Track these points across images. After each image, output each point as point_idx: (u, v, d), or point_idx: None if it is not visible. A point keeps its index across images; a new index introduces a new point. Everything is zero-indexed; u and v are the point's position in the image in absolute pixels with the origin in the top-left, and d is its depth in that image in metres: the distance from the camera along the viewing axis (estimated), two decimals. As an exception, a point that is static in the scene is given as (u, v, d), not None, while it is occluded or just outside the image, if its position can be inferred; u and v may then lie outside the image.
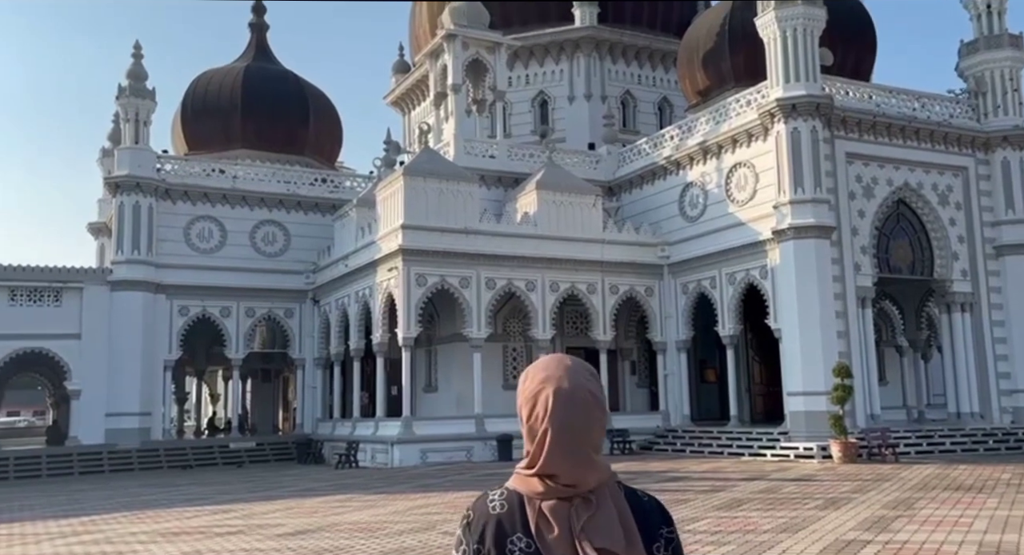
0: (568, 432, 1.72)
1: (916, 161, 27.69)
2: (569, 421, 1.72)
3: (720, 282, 27.90)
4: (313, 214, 33.61)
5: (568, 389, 1.74)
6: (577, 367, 1.82)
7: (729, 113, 28.11)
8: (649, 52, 39.04)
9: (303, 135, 36.52)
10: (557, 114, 37.68)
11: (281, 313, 33.04)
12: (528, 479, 1.76)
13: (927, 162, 27.87)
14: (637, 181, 31.84)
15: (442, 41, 31.14)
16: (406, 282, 25.28)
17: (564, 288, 27.87)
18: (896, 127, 27.23)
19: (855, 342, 25.49)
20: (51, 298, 30.24)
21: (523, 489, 1.77)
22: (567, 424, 1.72)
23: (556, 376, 1.77)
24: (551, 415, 1.73)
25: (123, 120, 31.67)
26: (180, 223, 32.05)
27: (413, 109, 43.16)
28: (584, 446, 1.74)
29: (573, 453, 1.72)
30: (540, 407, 1.74)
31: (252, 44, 38.53)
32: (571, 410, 1.73)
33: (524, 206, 28.35)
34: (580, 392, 1.75)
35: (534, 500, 1.74)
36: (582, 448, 1.73)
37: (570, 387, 1.75)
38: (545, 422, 1.73)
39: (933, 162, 27.96)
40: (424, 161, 26.43)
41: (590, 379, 1.80)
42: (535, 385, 1.78)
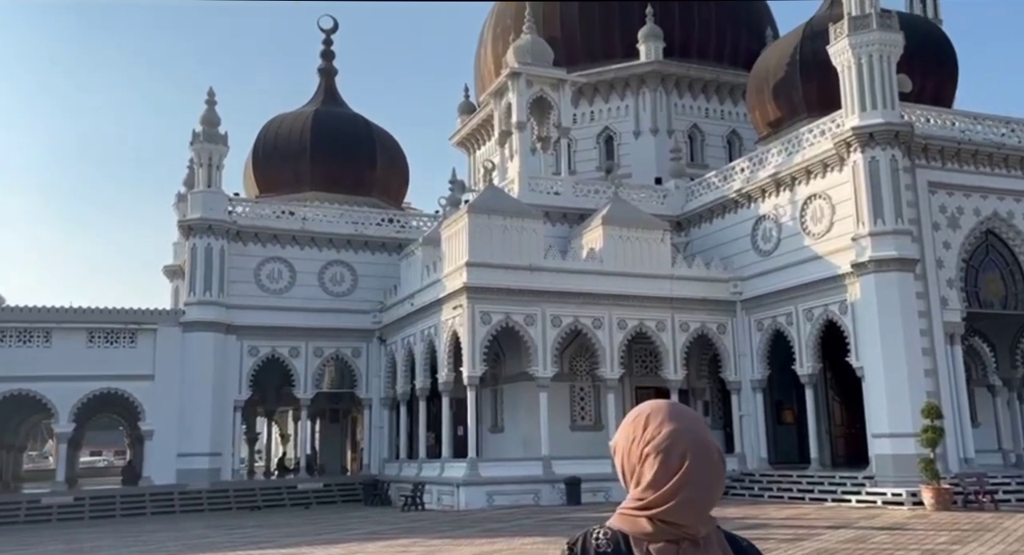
0: (704, 488, 1.74)
1: (1005, 189, 26.26)
2: (706, 478, 1.73)
3: (797, 318, 26.76)
4: (380, 254, 33.76)
5: (703, 445, 1.75)
6: (703, 420, 1.85)
7: (802, 143, 27.23)
8: (716, 85, 38.44)
9: (371, 176, 36.92)
10: (623, 149, 37.26)
11: (349, 353, 33.09)
12: (636, 520, 1.76)
13: (1018, 190, 26.41)
14: (707, 215, 31.05)
15: (506, 79, 31.18)
16: (471, 320, 24.94)
17: (632, 325, 27.13)
18: (983, 154, 25.93)
19: (944, 381, 24.04)
20: (127, 339, 30.90)
21: (628, 529, 1.77)
22: (705, 481, 1.73)
23: (690, 431, 1.76)
24: (689, 471, 1.72)
25: (197, 165, 32.52)
26: (251, 264, 32.53)
27: (478, 149, 43.35)
28: (714, 501, 1.77)
29: (703, 507, 1.75)
30: (675, 460, 1.72)
31: (321, 88, 39.36)
32: (707, 467, 1.74)
33: (590, 242, 27.85)
34: (715, 451, 1.77)
35: (641, 541, 1.75)
36: (712, 503, 1.76)
37: (707, 445, 1.76)
38: (680, 476, 1.72)
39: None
40: (488, 198, 26.25)
41: (714, 439, 1.80)
42: (664, 437, 1.75)
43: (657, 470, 1.73)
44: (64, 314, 30.10)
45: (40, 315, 29.83)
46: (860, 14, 25.05)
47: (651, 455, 1.74)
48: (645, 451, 1.75)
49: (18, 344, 29.63)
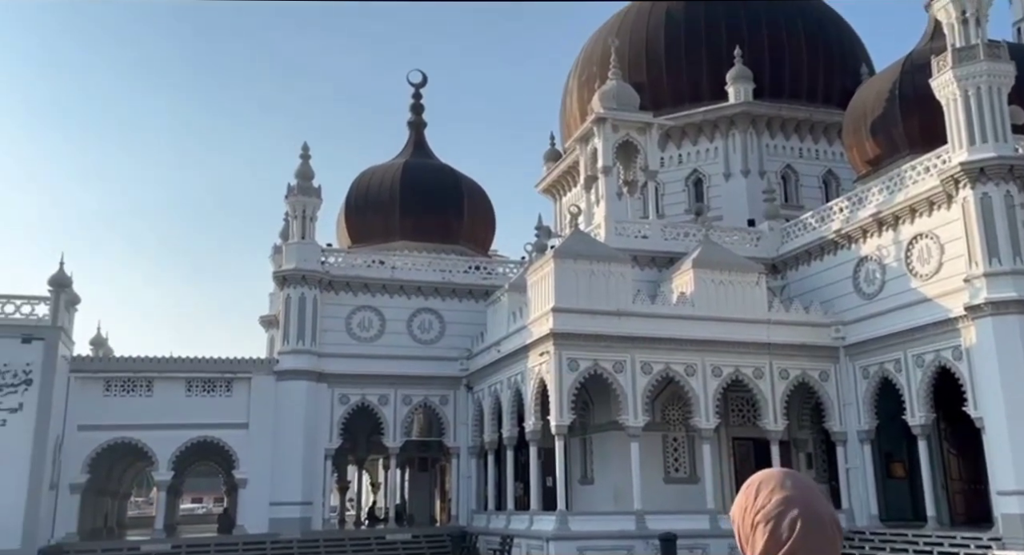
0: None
1: None
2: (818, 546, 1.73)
3: (906, 365, 25.13)
4: (467, 301, 33.76)
5: (815, 513, 1.75)
6: (816, 488, 1.85)
7: (905, 181, 25.93)
8: (810, 125, 37.34)
9: (458, 225, 37.20)
10: (712, 192, 36.43)
11: (436, 400, 32.96)
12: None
13: None
14: (804, 257, 29.81)
15: (592, 125, 31.03)
16: (557, 367, 24.39)
17: (727, 373, 26.02)
18: (1107, 188, 24.01)
19: (1077, 434, 21.98)
20: (223, 388, 31.59)
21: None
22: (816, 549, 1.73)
23: (802, 498, 1.76)
24: (799, 539, 1.72)
25: (291, 217, 33.42)
26: (342, 313, 32.99)
27: (564, 195, 43.23)
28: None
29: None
30: (785, 529, 1.73)
31: (411, 140, 40.16)
32: (819, 535, 1.74)
33: (680, 286, 27.05)
34: (828, 519, 1.77)
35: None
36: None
37: (819, 513, 1.76)
38: (791, 545, 1.72)
39: None
40: (574, 243, 25.88)
41: (829, 504, 1.79)
42: (774, 505, 1.75)
43: (768, 539, 1.75)
44: (165, 364, 31.06)
45: (143, 365, 30.86)
46: (965, 45, 23.87)
47: (761, 523, 1.76)
48: (756, 519, 1.78)
49: (122, 393, 30.66)
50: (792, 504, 1.74)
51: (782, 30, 38.13)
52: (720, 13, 38.44)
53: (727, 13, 38.44)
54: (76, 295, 30.86)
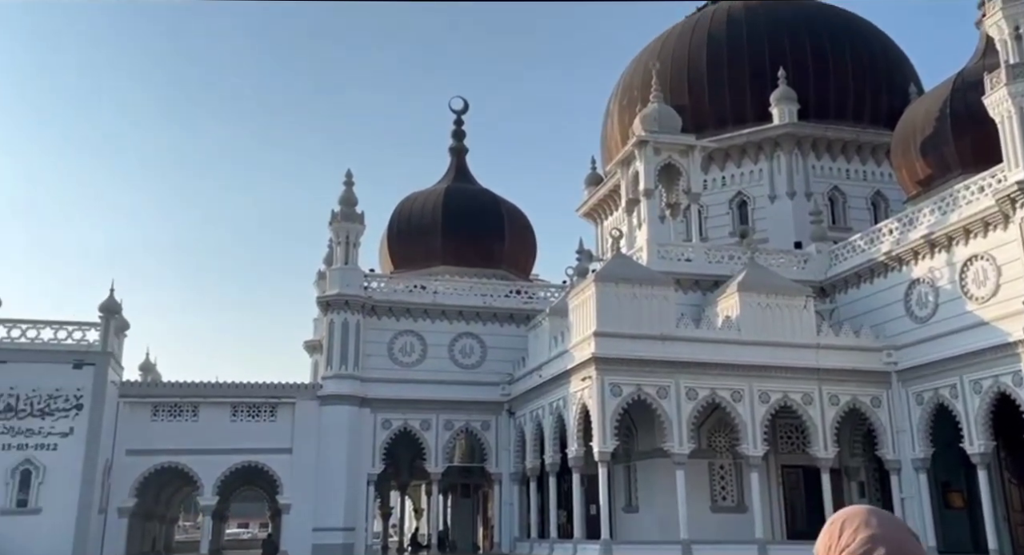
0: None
1: None
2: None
3: (963, 391, 24.25)
4: (508, 326, 33.63)
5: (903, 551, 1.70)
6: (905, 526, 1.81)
7: (958, 201, 25.21)
8: (857, 145, 36.65)
9: (499, 250, 37.19)
10: (757, 214, 35.86)
11: (478, 426, 32.76)
12: None
13: None
14: (853, 280, 29.10)
15: (633, 148, 30.85)
16: (600, 392, 24.02)
17: (775, 398, 25.37)
18: None
19: None
20: (267, 413, 31.80)
21: None
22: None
23: (889, 537, 1.72)
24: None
25: (335, 243, 33.73)
26: (384, 338, 33.08)
27: (605, 219, 42.99)
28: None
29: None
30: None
31: (452, 166, 40.41)
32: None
33: (725, 309, 26.55)
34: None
35: None
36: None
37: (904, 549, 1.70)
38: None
39: None
40: (616, 266, 25.61)
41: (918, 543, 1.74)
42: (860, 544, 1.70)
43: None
44: (210, 389, 31.39)
45: (189, 390, 31.23)
46: (1020, 61, 23.24)
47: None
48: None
49: (169, 418, 31.05)
50: (879, 543, 1.68)
51: (827, 50, 37.64)
52: (763, 34, 38.12)
53: (770, 34, 38.10)
54: (125, 321, 31.45)
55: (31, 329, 29.04)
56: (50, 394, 28.24)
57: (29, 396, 28.12)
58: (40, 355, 28.56)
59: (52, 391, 28.27)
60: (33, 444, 27.87)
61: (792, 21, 38.71)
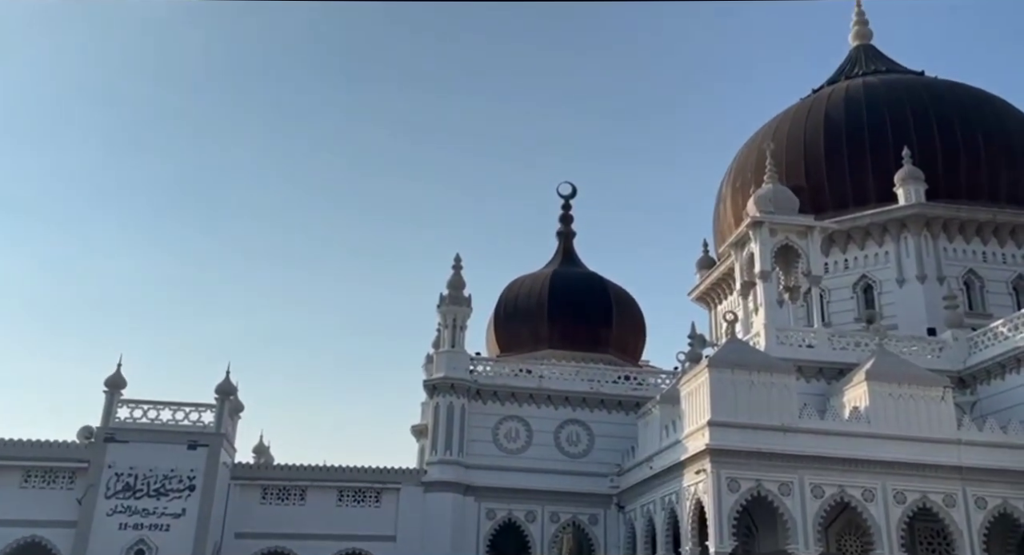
0: None
1: None
2: None
3: None
4: (616, 413, 32.45)
5: None
6: None
7: (1116, 283, 22.84)
8: (994, 227, 34.33)
9: (606, 334, 36.36)
10: (884, 299, 33.73)
11: (585, 519, 31.31)
12: None
13: None
14: (996, 370, 26.65)
15: (747, 229, 29.81)
16: (716, 487, 22.39)
17: (913, 499, 23.01)
18: None
19: None
20: (372, 499, 31.41)
21: None
22: None
23: None
24: None
25: (442, 326, 33.71)
26: (489, 423, 32.46)
27: (719, 303, 41.54)
28: None
29: None
30: None
31: (560, 250, 40.24)
32: None
33: (852, 400, 24.62)
34: None
35: None
36: None
37: None
38: None
39: None
40: (731, 351, 24.27)
41: None
42: None
43: None
44: (317, 472, 31.36)
45: (297, 473, 31.28)
46: None
47: None
48: None
49: (277, 501, 31.11)
50: None
51: (955, 127, 35.89)
52: (884, 112, 36.81)
53: (892, 112, 36.75)
54: (240, 403, 32.07)
55: (151, 409, 29.94)
56: (165, 474, 28.80)
57: (146, 476, 28.77)
58: (158, 435, 29.31)
59: (168, 471, 28.83)
60: (148, 524, 28.33)
61: (915, 98, 37.29)
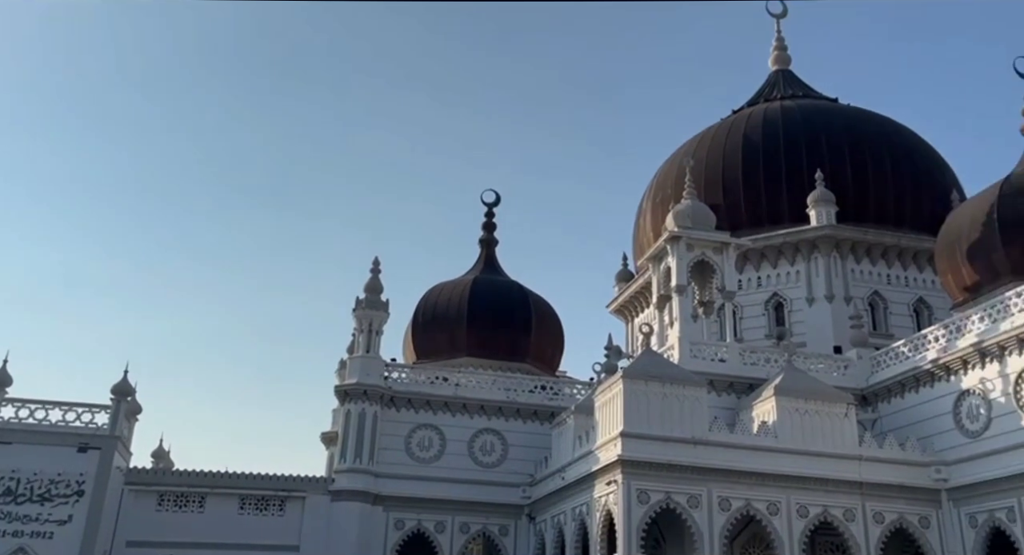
0: None
1: None
2: None
3: (1022, 514, 22.28)
4: (532, 423, 32.23)
5: None
6: None
7: (1010, 309, 23.96)
8: (898, 250, 35.68)
9: (525, 343, 36.16)
10: (794, 317, 34.65)
11: (496, 530, 30.93)
12: None
13: None
14: (897, 389, 27.54)
15: (665, 243, 30.15)
16: (626, 498, 22.38)
17: (815, 513, 23.52)
18: None
19: None
20: (276, 507, 30.35)
21: None
22: None
23: None
24: None
25: (357, 331, 32.91)
26: (402, 431, 31.79)
27: (636, 316, 41.98)
28: None
29: None
30: None
31: (482, 258, 39.91)
32: None
33: (761, 414, 25.06)
34: None
35: None
36: None
37: None
38: None
39: None
40: (645, 363, 24.40)
41: None
42: None
43: None
44: (218, 479, 30.08)
45: (196, 479, 29.93)
46: (1070, 163, 22.39)
47: None
48: None
49: (174, 509, 29.65)
50: None
51: (866, 154, 37.23)
52: (800, 136, 37.90)
53: (807, 137, 37.87)
54: (138, 404, 30.55)
55: (39, 409, 28.22)
56: (52, 479, 27.18)
57: (30, 480, 27.09)
58: (45, 437, 27.63)
59: (54, 475, 27.21)
60: (29, 531, 26.62)
61: (829, 124, 38.54)
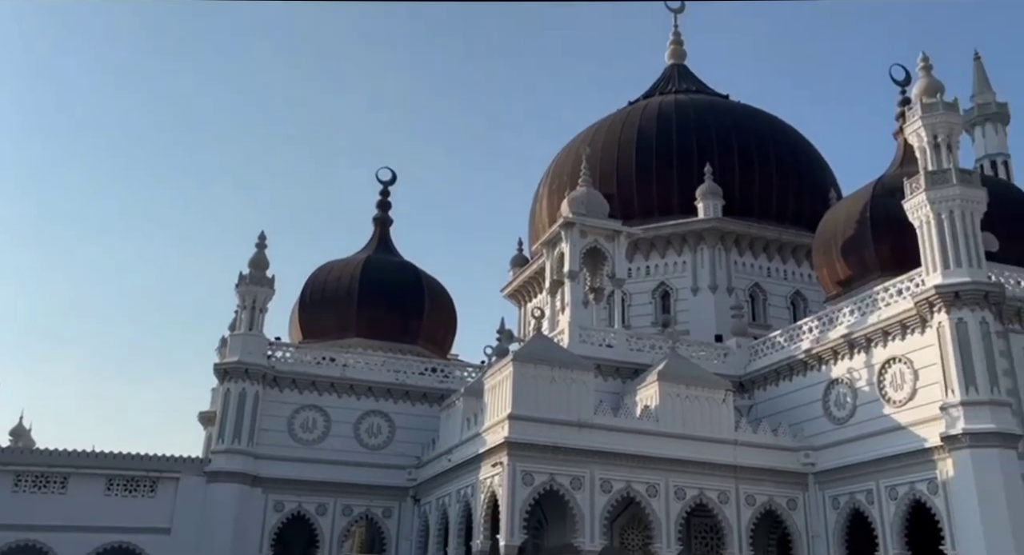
0: None
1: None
2: None
3: (879, 497, 23.71)
4: (421, 405, 31.96)
5: None
6: None
7: (877, 303, 25.31)
8: (779, 245, 37.20)
9: (416, 325, 35.79)
10: (680, 305, 35.69)
11: (379, 512, 30.61)
12: None
13: None
14: (772, 377, 28.74)
15: (560, 229, 30.37)
16: (511, 480, 22.49)
17: (691, 495, 24.30)
18: (1083, 321, 23.56)
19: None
20: (146, 489, 29.13)
21: None
22: None
23: None
24: None
25: (240, 307, 31.72)
26: (285, 412, 30.97)
27: (529, 301, 42.26)
28: None
29: None
30: None
31: (375, 237, 39.18)
32: None
33: (644, 399, 25.66)
34: None
35: None
36: None
37: None
38: None
39: None
40: (536, 347, 24.54)
41: None
42: None
43: None
44: (83, 459, 28.58)
45: (58, 459, 28.35)
46: (938, 169, 23.82)
47: None
48: None
49: (33, 490, 28.11)
50: None
51: (752, 152, 38.55)
52: (692, 131, 38.89)
53: (698, 132, 38.89)
54: (-7, 378, 28.58)
55: None
56: None
57: None
58: None
59: None
60: None
61: (720, 120, 39.69)
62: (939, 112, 24.38)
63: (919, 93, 25.38)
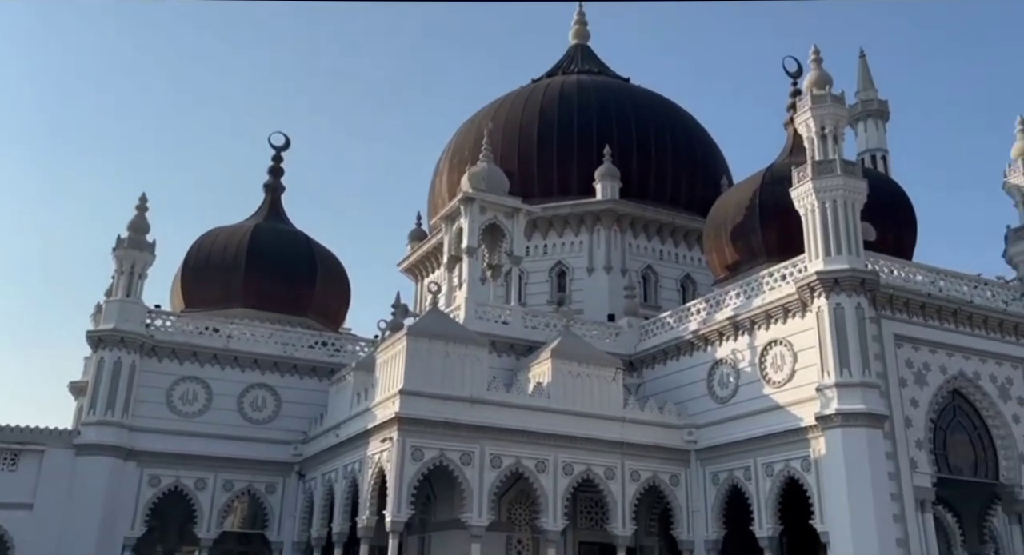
0: None
1: (971, 349, 25.46)
2: None
3: (756, 473, 24.67)
4: (309, 379, 31.16)
5: None
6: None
7: (762, 287, 26.17)
8: (672, 228, 38.00)
9: (308, 297, 34.78)
10: (575, 285, 36.04)
11: (262, 488, 29.75)
12: None
13: (984, 351, 25.64)
14: (660, 356, 29.39)
15: (459, 204, 30.04)
16: (400, 455, 22.17)
17: (579, 471, 24.62)
18: (948, 311, 25.21)
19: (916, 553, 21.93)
20: (8, 462, 27.36)
21: None
22: None
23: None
24: None
25: (117, 273, 30.02)
26: (163, 383, 29.65)
27: (427, 276, 41.82)
28: None
29: None
30: None
31: (266, 203, 37.73)
32: None
33: (537, 376, 25.77)
34: None
35: None
36: None
37: None
38: None
39: (990, 351, 25.78)
40: (430, 322, 24.20)
41: None
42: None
43: None
44: (-64, 428, 26.51)
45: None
46: (824, 159, 24.73)
47: None
48: None
49: None
50: None
51: (650, 136, 39.14)
52: (592, 112, 39.14)
53: (598, 113, 39.18)
54: None
55: None
56: None
57: None
58: None
59: None
60: None
61: (620, 102, 40.07)
62: (827, 104, 25.30)
63: (809, 84, 26.28)
